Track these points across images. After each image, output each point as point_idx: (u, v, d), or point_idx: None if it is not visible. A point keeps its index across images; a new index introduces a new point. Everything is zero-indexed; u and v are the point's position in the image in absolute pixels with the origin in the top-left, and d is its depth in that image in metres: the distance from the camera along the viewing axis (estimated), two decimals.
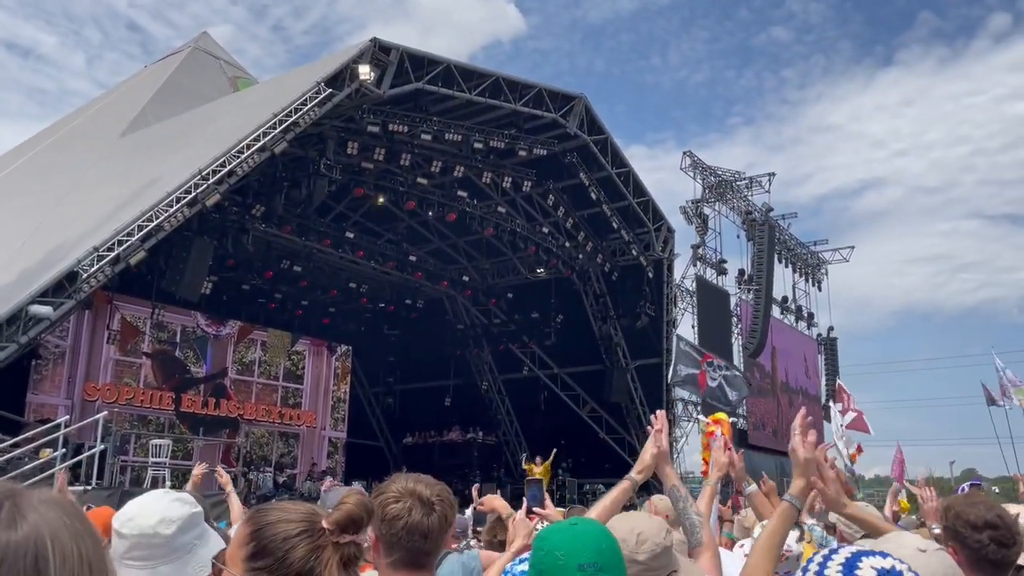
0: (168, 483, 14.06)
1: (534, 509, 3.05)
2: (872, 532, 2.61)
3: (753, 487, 3.33)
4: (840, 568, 1.49)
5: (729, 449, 3.48)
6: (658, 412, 2.76)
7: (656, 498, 4.49)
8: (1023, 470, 14.35)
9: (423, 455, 25.60)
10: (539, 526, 2.91)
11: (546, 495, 3.23)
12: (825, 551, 1.58)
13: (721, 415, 4.37)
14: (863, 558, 1.51)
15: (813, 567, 1.55)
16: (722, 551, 2.77)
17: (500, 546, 3.33)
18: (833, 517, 4.62)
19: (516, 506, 3.22)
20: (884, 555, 1.52)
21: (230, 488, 4.84)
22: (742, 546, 3.28)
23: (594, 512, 2.51)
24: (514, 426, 26.90)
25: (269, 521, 1.57)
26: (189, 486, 5.40)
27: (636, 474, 2.70)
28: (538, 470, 18.45)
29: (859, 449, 12.45)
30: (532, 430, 26.18)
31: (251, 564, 1.53)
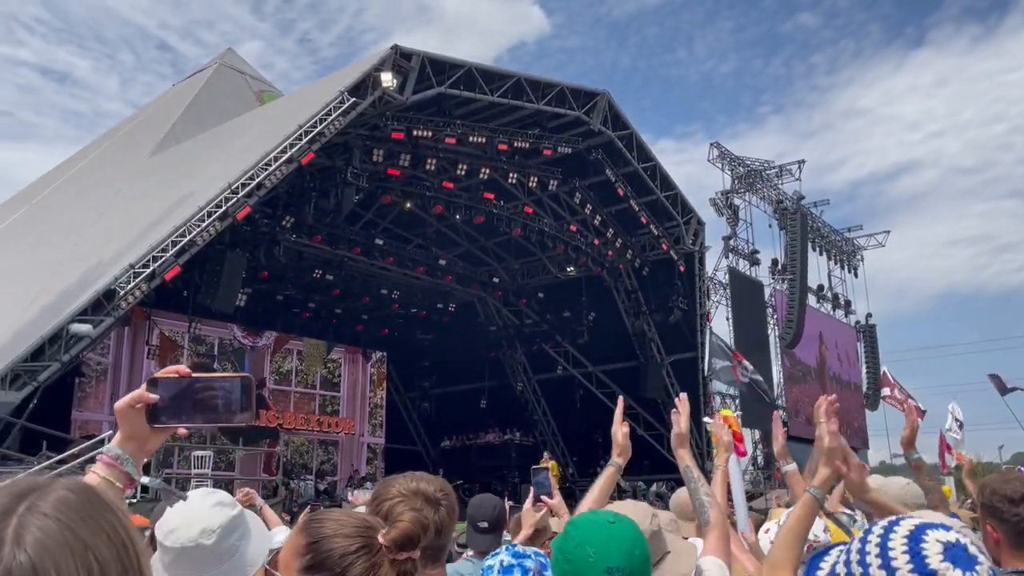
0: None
1: (541, 497, 3.03)
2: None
3: (791, 466, 3.26)
4: (905, 542, 1.39)
5: (742, 449, 3.49)
6: (682, 395, 2.83)
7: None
8: None
9: (461, 458, 25.67)
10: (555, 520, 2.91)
11: (553, 483, 3.23)
12: (884, 522, 1.48)
13: (727, 411, 4.35)
14: (927, 531, 1.40)
15: (873, 539, 1.44)
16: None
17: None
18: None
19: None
20: (947, 528, 1.42)
21: (260, 503, 4.84)
22: (767, 531, 3.21)
23: (586, 503, 2.53)
24: (551, 426, 26.86)
25: (325, 535, 1.55)
26: None
27: (617, 457, 2.81)
28: (548, 465, 18.63)
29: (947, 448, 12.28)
30: (569, 429, 26.12)
31: None
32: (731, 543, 2.44)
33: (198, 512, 1.97)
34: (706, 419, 4.59)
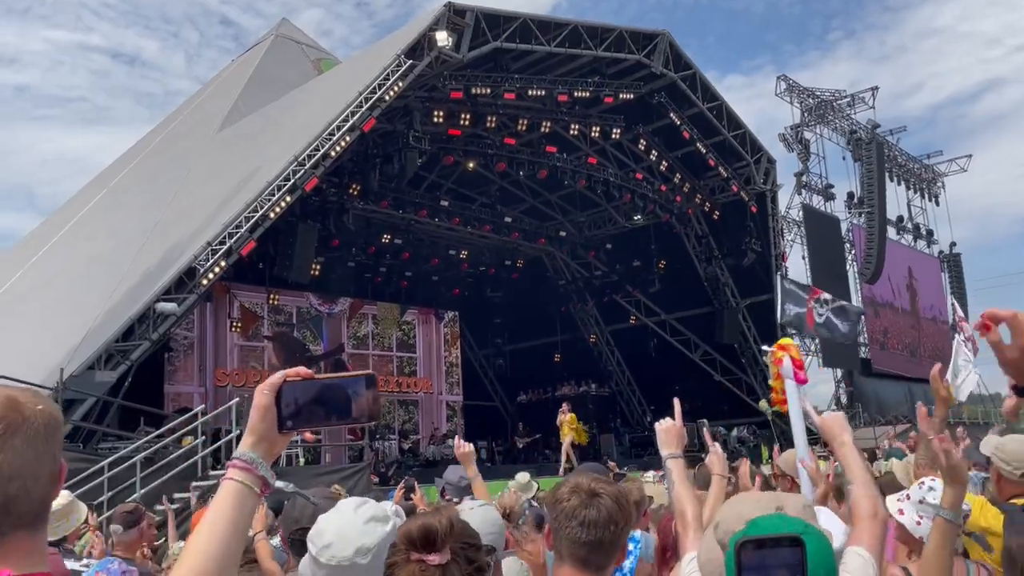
0: (301, 460, 14.73)
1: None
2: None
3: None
4: None
5: (802, 376, 3.30)
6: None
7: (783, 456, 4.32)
8: None
9: (539, 412, 25.86)
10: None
11: (570, 437, 3.25)
12: None
13: (787, 340, 4.08)
14: None
15: None
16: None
17: None
18: (987, 450, 4.26)
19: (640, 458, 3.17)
20: None
21: (473, 471, 4.40)
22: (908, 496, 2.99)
23: (688, 509, 2.38)
24: (626, 376, 26.81)
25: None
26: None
27: (676, 448, 2.59)
28: (567, 417, 18.08)
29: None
30: (644, 378, 26.03)
31: None
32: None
33: (354, 529, 1.95)
34: (766, 348, 4.37)
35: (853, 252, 29.14)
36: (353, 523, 1.97)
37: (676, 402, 2.73)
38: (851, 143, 30.10)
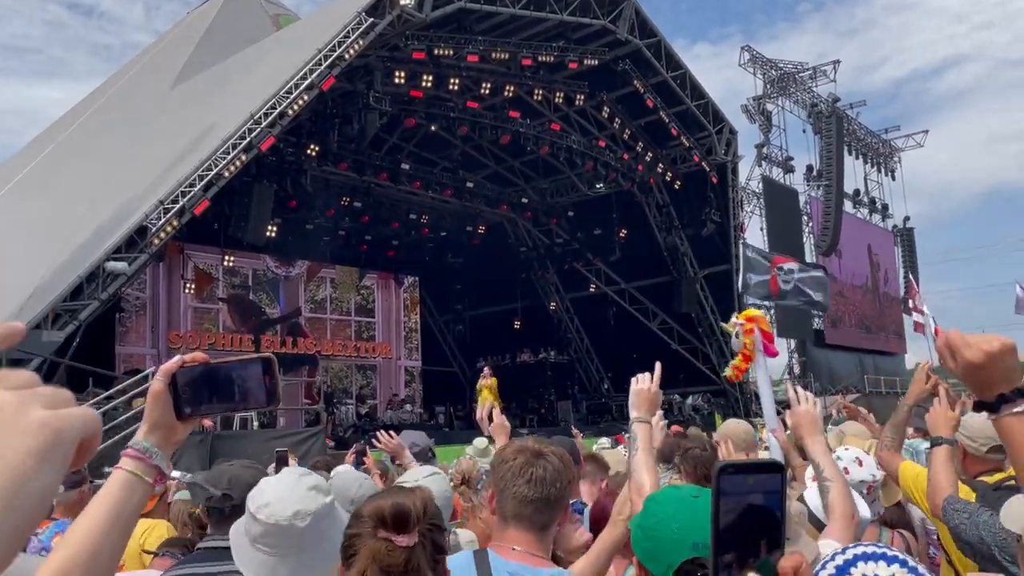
0: (255, 423, 14.58)
1: None
2: None
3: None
4: (833, 573, 1.29)
5: (773, 349, 3.32)
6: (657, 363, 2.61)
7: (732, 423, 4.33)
8: None
9: (497, 377, 25.92)
10: None
11: (486, 406, 3.28)
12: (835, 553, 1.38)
13: (753, 311, 4.08)
14: (859, 563, 1.29)
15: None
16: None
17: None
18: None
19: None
20: (890, 560, 1.28)
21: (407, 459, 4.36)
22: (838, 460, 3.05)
23: (642, 474, 2.29)
24: (584, 343, 26.98)
25: None
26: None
27: (646, 413, 2.50)
28: (488, 382, 17.73)
29: None
30: (603, 346, 26.23)
31: None
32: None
33: (295, 493, 1.95)
34: (733, 319, 4.33)
35: (810, 225, 29.55)
36: (294, 488, 1.97)
37: (658, 366, 2.63)
38: (812, 116, 30.36)
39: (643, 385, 2.48)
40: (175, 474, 1.52)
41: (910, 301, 23.35)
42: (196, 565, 2.35)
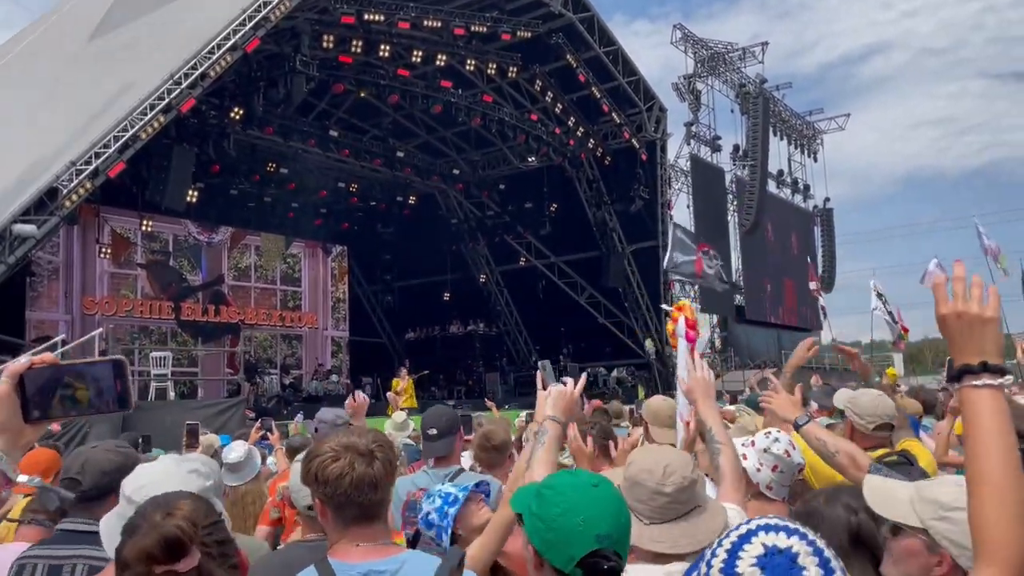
0: (172, 394, 14.25)
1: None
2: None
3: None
4: (733, 541, 1.26)
5: (692, 335, 3.37)
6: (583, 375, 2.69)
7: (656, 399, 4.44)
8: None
9: (426, 349, 25.94)
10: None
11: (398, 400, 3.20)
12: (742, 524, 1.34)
13: (684, 302, 4.25)
14: (759, 534, 1.26)
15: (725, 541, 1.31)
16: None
17: None
18: (840, 403, 4.53)
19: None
20: (790, 532, 1.25)
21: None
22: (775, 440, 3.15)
23: (545, 468, 2.22)
24: (514, 316, 27.14)
25: None
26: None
27: (561, 415, 2.39)
28: (402, 385, 16.68)
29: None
30: (531, 319, 26.44)
31: None
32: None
33: (172, 478, 1.86)
34: (664, 307, 4.54)
35: (735, 203, 30.23)
36: (172, 473, 1.90)
37: (583, 376, 2.65)
38: (740, 96, 30.92)
39: (566, 388, 2.43)
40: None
41: (810, 284, 24.27)
42: (52, 547, 2.38)
